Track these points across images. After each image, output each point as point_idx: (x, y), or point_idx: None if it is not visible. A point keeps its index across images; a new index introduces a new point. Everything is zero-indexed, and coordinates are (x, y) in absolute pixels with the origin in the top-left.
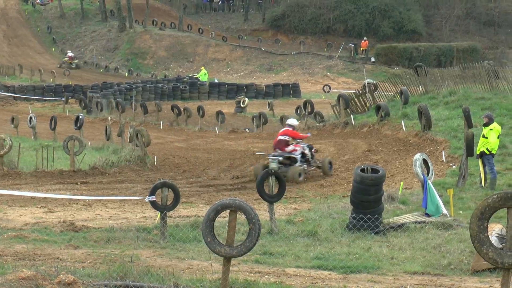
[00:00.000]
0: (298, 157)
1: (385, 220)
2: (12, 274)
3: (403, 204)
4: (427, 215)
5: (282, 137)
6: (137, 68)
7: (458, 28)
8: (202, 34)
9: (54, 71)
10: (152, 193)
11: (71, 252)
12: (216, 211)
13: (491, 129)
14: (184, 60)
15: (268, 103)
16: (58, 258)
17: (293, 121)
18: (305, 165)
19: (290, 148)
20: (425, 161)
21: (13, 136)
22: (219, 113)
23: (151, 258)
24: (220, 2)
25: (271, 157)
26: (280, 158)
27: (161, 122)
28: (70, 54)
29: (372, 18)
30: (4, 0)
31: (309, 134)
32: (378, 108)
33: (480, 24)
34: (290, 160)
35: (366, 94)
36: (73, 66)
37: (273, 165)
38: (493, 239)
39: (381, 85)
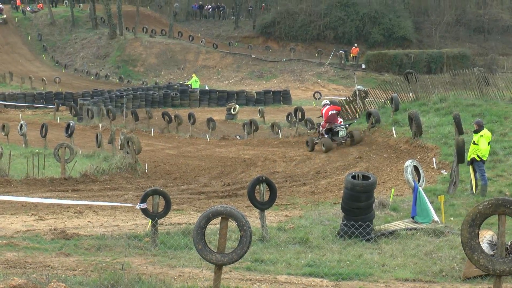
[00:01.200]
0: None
1: (376, 227)
2: (3, 282)
3: (394, 211)
4: (417, 222)
5: (333, 112)
6: (128, 75)
7: (448, 34)
8: (193, 41)
9: (44, 78)
10: (143, 200)
11: (62, 259)
12: (207, 219)
13: (482, 135)
14: (174, 67)
15: (259, 110)
16: (49, 266)
17: (327, 100)
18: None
19: (340, 119)
20: (416, 168)
21: (3, 143)
22: (210, 120)
23: (142, 266)
24: (210, 9)
25: (339, 127)
26: (347, 126)
27: (152, 129)
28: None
29: (362, 25)
30: None
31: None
32: (368, 115)
33: (470, 30)
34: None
35: (357, 101)
36: (0, 21)
37: (343, 133)
38: (485, 246)
39: (371, 92)
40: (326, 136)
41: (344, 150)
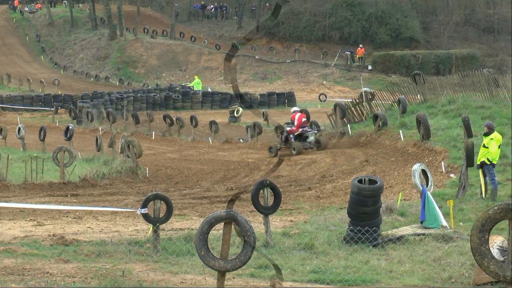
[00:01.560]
0: None
1: (383, 232)
2: None
3: (401, 216)
4: (426, 227)
5: (304, 119)
6: (128, 77)
7: (457, 35)
8: (195, 42)
9: (43, 80)
10: (144, 205)
11: (61, 266)
12: (210, 224)
13: (492, 138)
14: (176, 69)
15: (263, 112)
16: (48, 272)
17: (297, 107)
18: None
19: (307, 125)
20: (424, 172)
21: (1, 147)
22: (212, 123)
23: (143, 272)
24: (213, 9)
25: (310, 131)
26: (316, 132)
27: (153, 132)
28: None
29: (369, 25)
30: None
31: None
32: (375, 117)
33: (479, 31)
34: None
35: (363, 103)
36: None
37: (312, 138)
38: (495, 252)
39: (378, 94)
40: (294, 141)
41: (350, 154)
